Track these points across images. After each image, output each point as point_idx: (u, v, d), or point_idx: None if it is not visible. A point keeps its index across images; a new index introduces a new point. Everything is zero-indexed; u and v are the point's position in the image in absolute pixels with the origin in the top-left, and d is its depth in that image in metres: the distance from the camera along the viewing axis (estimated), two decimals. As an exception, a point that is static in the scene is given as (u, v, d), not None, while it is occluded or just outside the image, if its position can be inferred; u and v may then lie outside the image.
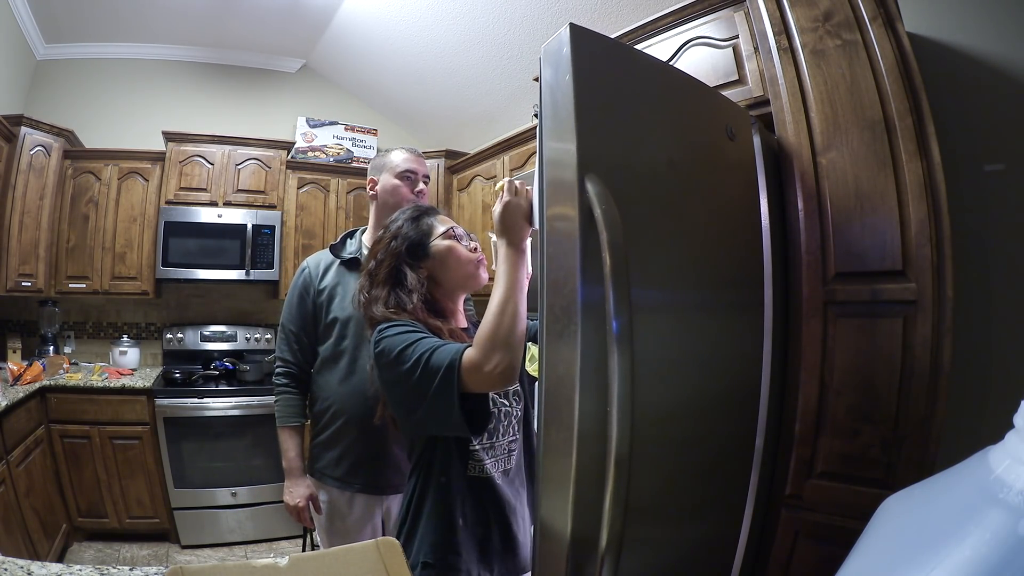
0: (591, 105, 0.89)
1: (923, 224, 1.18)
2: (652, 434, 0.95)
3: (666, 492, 1.05)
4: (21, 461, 2.36)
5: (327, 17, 3.31)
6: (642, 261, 0.93)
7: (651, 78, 1.04)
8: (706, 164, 1.16)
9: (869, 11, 1.28)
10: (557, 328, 0.87)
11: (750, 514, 1.27)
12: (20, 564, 0.95)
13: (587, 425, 0.82)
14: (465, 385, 0.95)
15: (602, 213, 0.82)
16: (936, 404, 1.15)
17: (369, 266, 1.21)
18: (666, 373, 1.01)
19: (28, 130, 2.92)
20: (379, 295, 1.15)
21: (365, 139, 3.83)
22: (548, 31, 2.65)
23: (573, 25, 0.91)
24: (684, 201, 1.09)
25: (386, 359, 1.04)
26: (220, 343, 3.55)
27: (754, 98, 1.50)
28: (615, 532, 0.77)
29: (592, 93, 0.90)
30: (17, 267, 2.91)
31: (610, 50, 0.99)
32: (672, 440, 1.04)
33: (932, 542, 0.36)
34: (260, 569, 0.60)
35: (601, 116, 0.91)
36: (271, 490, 3.04)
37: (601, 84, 0.93)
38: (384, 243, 1.21)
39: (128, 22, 3.37)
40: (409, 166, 1.66)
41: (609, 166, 0.90)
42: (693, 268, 1.10)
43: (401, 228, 1.22)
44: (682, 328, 1.07)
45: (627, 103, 0.98)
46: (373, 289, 1.17)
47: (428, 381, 0.97)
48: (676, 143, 1.07)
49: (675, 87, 1.11)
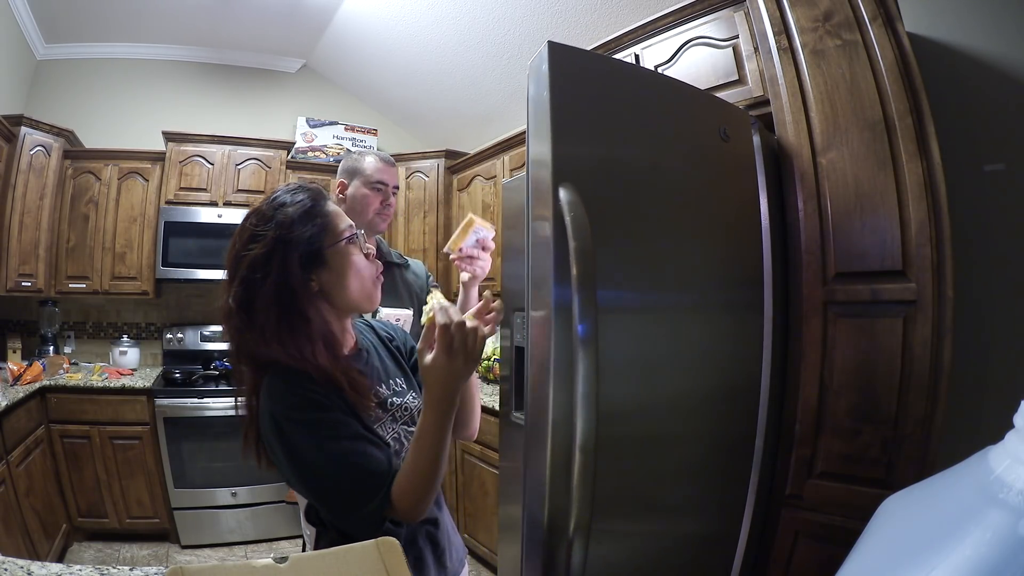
0: (567, 118, 0.96)
1: (923, 224, 1.18)
2: (624, 430, 1.01)
3: (644, 485, 1.08)
4: (21, 461, 2.36)
5: (327, 17, 3.31)
6: (618, 264, 1.00)
7: (632, 87, 1.09)
8: (695, 167, 1.18)
9: (869, 11, 1.28)
10: (539, 321, 0.93)
11: (750, 514, 1.28)
12: (20, 564, 0.95)
13: (560, 414, 0.89)
14: (386, 514, 0.83)
15: (571, 221, 0.88)
16: (936, 404, 1.15)
17: (240, 277, 0.85)
18: (640, 371, 1.06)
19: (28, 130, 2.92)
20: (266, 330, 0.84)
21: (365, 139, 3.83)
22: (548, 31, 2.65)
23: (551, 43, 0.96)
24: (668, 204, 1.12)
25: (286, 460, 0.83)
26: (220, 343, 3.54)
27: (754, 98, 1.50)
28: (583, 517, 0.82)
29: (569, 107, 0.96)
30: (17, 267, 2.91)
31: (589, 64, 1.04)
32: (650, 437, 1.08)
33: (932, 542, 0.36)
34: (260, 569, 0.60)
35: (578, 127, 0.97)
36: (271, 490, 3.04)
37: (579, 97, 0.98)
38: (265, 244, 0.85)
39: (128, 22, 3.37)
40: (381, 177, 1.62)
41: (585, 174, 0.96)
42: (676, 270, 1.13)
43: (291, 219, 0.87)
44: (661, 328, 1.11)
45: (607, 112, 1.02)
46: (251, 317, 0.84)
47: (344, 509, 0.83)
48: (659, 148, 1.11)
49: (659, 94, 1.15)
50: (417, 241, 3.56)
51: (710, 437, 1.21)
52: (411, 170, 3.62)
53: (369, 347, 1.04)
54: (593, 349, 0.84)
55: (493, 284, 2.90)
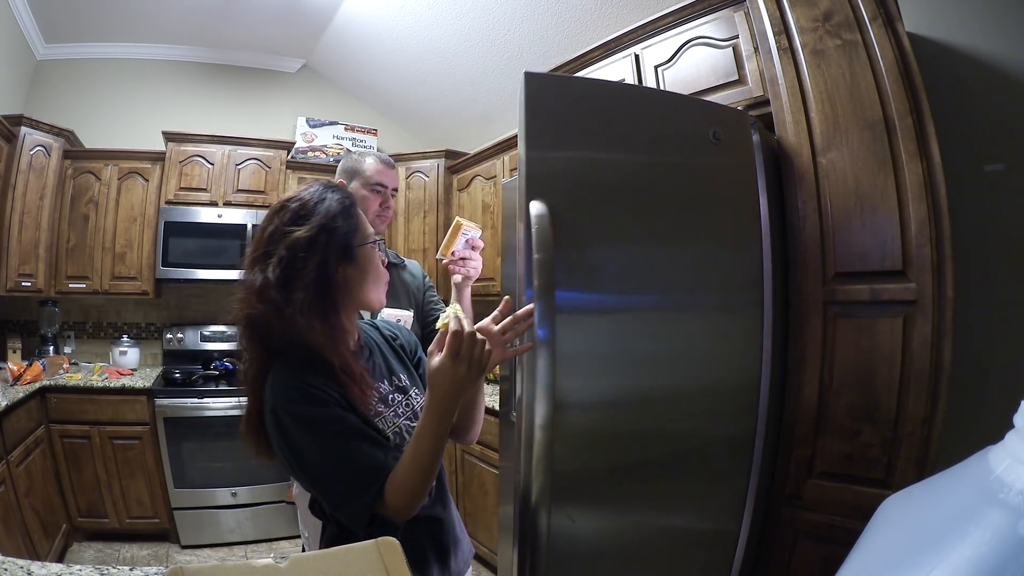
0: (541, 141, 1.09)
1: (923, 224, 1.18)
2: (595, 420, 1.16)
3: (619, 473, 1.19)
4: (21, 461, 2.36)
5: (327, 17, 3.31)
6: (594, 268, 1.13)
7: (609, 104, 1.18)
8: (681, 171, 1.22)
9: (869, 11, 1.28)
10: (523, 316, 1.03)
11: (750, 513, 1.28)
12: (20, 564, 0.95)
13: (528, 403, 1.03)
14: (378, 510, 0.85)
15: (535, 234, 1.01)
16: (936, 404, 1.15)
17: (280, 255, 0.87)
18: (616, 367, 1.18)
19: (28, 130, 2.92)
20: (303, 310, 0.86)
21: (365, 139, 3.83)
22: (548, 31, 2.65)
23: (527, 73, 1.10)
24: (648, 208, 1.19)
25: (287, 451, 0.86)
26: (220, 343, 3.55)
27: (754, 98, 1.50)
28: (543, 489, 0.97)
29: (543, 130, 1.10)
30: (17, 267, 2.91)
31: (564, 87, 1.18)
32: (626, 429, 1.19)
33: (932, 542, 0.36)
34: (260, 569, 0.60)
35: (553, 145, 1.10)
36: (271, 490, 3.04)
37: (554, 118, 1.11)
38: (310, 228, 0.89)
39: (128, 22, 3.37)
40: (381, 179, 1.62)
41: (558, 188, 1.09)
42: (656, 272, 1.20)
43: (334, 212, 0.92)
44: (638, 327, 1.20)
45: (582, 130, 1.14)
46: (291, 295, 0.85)
47: (338, 501, 0.85)
48: (638, 156, 1.19)
49: (639, 105, 1.22)
50: (417, 241, 3.57)
51: (699, 434, 1.24)
52: (411, 170, 3.62)
53: (372, 345, 1.06)
54: (550, 349, 0.98)
55: (493, 284, 2.90)
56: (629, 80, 1.84)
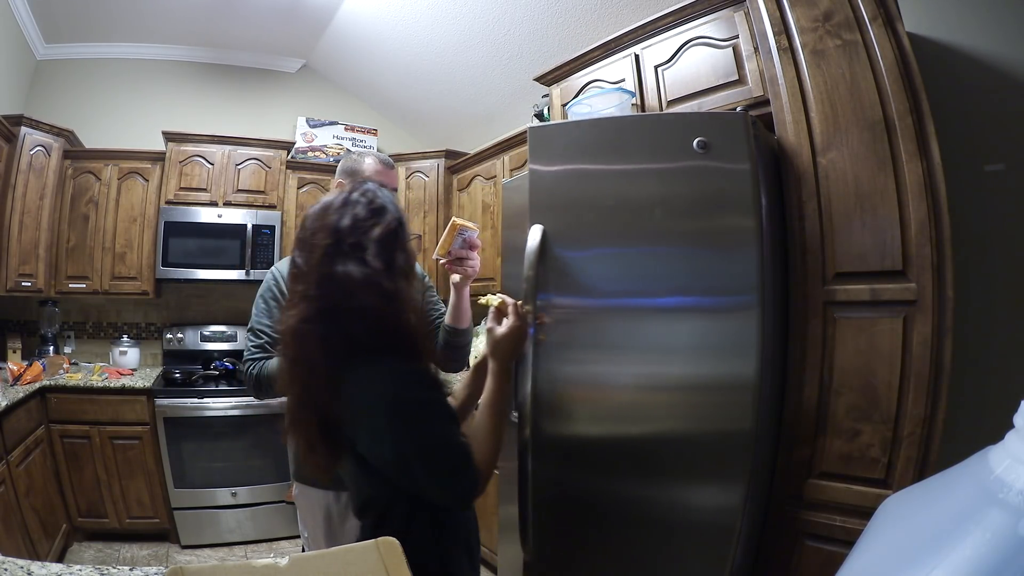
0: (542, 185, 1.42)
1: (923, 224, 1.18)
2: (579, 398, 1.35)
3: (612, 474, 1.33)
4: (21, 461, 2.36)
5: (327, 17, 3.31)
6: (584, 275, 1.35)
7: (595, 138, 1.40)
8: (666, 182, 1.32)
9: (869, 11, 1.27)
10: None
11: (750, 513, 1.27)
12: (20, 564, 0.95)
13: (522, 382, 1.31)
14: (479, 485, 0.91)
15: (527, 255, 1.34)
16: (936, 404, 1.15)
17: (371, 248, 0.89)
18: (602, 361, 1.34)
19: (28, 130, 2.92)
20: (405, 300, 0.90)
21: (365, 139, 3.83)
22: (548, 31, 2.65)
23: (531, 128, 1.44)
24: (635, 224, 1.33)
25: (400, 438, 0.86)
26: (220, 343, 3.55)
27: (754, 98, 1.50)
28: (526, 437, 1.28)
29: (542, 175, 1.42)
30: (17, 267, 2.91)
31: (557, 132, 1.48)
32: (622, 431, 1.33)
33: (932, 542, 0.36)
34: (260, 569, 0.60)
35: (551, 187, 1.42)
36: (271, 490, 3.04)
37: (552, 155, 1.42)
38: (390, 221, 0.94)
39: (128, 22, 3.37)
40: (380, 179, 1.57)
41: (556, 213, 1.39)
42: (642, 276, 1.33)
43: (397, 207, 0.99)
44: (636, 328, 1.31)
45: (575, 164, 1.40)
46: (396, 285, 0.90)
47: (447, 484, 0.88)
48: (625, 175, 1.36)
49: (623, 133, 1.39)
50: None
51: (699, 433, 1.27)
52: (411, 170, 3.61)
53: None
54: (531, 343, 1.28)
55: (493, 284, 2.90)
56: (629, 80, 1.84)
